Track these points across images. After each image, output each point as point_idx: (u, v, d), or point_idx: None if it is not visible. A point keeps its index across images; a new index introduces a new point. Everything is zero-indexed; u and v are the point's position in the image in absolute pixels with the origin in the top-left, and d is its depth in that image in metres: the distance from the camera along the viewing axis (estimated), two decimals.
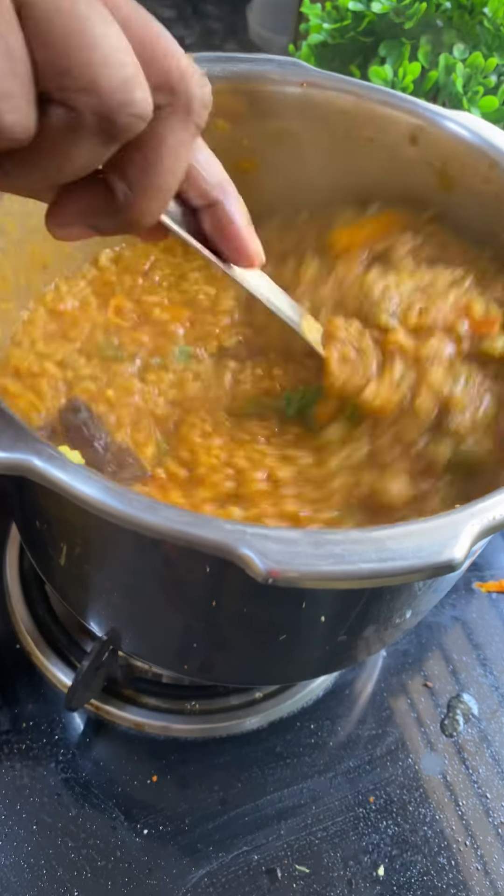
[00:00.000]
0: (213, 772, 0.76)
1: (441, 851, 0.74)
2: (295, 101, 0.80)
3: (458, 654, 0.88)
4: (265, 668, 0.68)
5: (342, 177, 0.85)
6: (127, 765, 0.76)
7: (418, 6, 1.01)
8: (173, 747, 0.77)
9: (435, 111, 0.77)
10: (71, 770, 0.75)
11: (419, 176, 0.79)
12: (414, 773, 0.78)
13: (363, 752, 0.79)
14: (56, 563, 0.63)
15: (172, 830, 0.72)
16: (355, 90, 0.79)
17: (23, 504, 0.63)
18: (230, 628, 0.61)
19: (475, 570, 0.96)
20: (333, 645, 0.63)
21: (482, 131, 0.75)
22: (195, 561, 0.52)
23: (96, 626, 0.70)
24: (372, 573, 0.44)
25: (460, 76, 0.99)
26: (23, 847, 0.70)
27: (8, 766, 0.74)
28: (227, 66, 0.79)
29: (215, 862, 0.71)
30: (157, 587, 0.58)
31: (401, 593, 0.59)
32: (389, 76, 1.01)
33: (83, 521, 0.55)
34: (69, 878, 0.68)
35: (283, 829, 0.73)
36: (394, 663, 0.86)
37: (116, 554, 0.57)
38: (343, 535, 0.45)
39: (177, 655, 0.67)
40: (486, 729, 0.83)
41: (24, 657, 0.81)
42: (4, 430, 0.49)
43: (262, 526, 0.45)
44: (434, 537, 0.45)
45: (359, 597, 0.56)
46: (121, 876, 0.69)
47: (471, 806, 0.77)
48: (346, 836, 0.74)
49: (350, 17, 1.05)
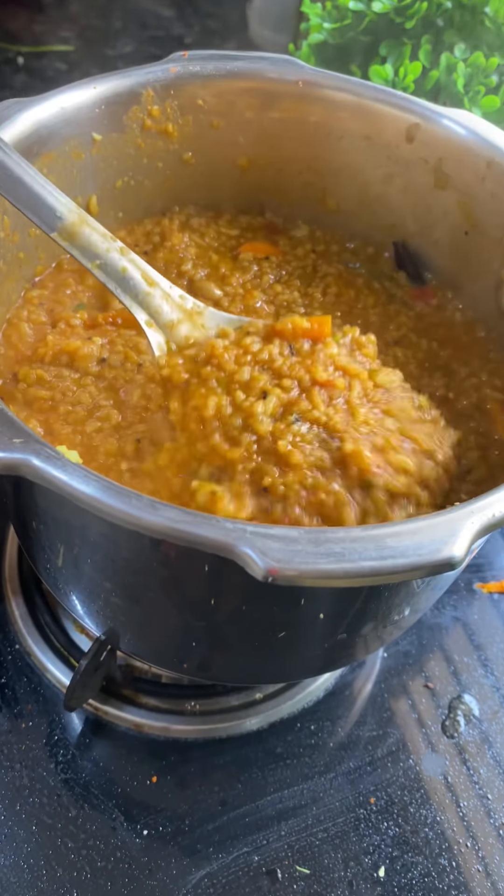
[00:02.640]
0: (213, 772, 0.76)
1: (442, 853, 0.73)
2: (291, 99, 0.80)
3: (460, 654, 0.88)
4: (264, 667, 0.68)
5: (340, 176, 0.86)
6: (127, 765, 0.75)
7: (419, 6, 1.00)
8: (173, 748, 0.77)
9: (432, 109, 0.77)
10: (70, 771, 0.74)
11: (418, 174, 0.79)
12: (415, 774, 0.78)
13: (364, 753, 0.79)
14: (54, 564, 0.63)
15: (172, 831, 0.72)
16: (351, 88, 0.79)
17: (20, 505, 0.62)
18: (229, 626, 0.61)
19: (476, 570, 0.96)
20: (332, 643, 0.63)
21: (480, 129, 0.75)
22: (194, 560, 0.51)
23: (94, 626, 0.70)
24: (372, 571, 0.43)
25: (461, 76, 0.99)
26: (22, 848, 0.70)
27: (7, 766, 0.74)
28: (221, 65, 0.79)
29: (215, 863, 0.70)
30: (155, 586, 0.57)
31: (399, 591, 0.59)
32: (390, 76, 1.01)
33: (81, 521, 0.55)
34: (69, 879, 0.68)
35: (284, 829, 0.73)
36: (394, 664, 0.86)
37: (115, 554, 0.57)
38: (343, 534, 0.45)
39: (176, 654, 0.67)
40: (488, 730, 0.82)
41: (22, 657, 0.81)
42: (3, 430, 0.48)
43: (263, 525, 0.45)
44: (433, 535, 0.45)
45: (357, 594, 0.56)
46: (121, 876, 0.69)
47: (472, 807, 0.77)
48: (346, 837, 0.73)
49: (350, 16, 1.05)
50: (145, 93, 0.78)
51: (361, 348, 0.68)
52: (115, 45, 1.70)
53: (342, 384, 0.63)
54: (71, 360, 0.71)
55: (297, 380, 0.63)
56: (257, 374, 0.62)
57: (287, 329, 0.65)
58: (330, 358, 0.64)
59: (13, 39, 1.66)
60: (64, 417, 0.67)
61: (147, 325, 0.66)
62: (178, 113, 0.80)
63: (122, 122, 0.78)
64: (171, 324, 0.67)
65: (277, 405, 0.61)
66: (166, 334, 0.66)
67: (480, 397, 0.75)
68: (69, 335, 0.73)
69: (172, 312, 0.67)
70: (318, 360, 0.63)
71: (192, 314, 0.68)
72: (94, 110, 0.76)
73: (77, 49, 1.67)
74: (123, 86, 0.77)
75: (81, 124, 0.75)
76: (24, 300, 0.78)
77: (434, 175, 0.78)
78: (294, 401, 0.62)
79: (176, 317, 0.67)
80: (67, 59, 1.65)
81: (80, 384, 0.69)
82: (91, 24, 1.76)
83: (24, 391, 0.68)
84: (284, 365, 0.63)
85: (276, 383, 0.62)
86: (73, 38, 1.70)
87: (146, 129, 0.80)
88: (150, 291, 0.66)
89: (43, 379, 0.69)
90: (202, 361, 0.64)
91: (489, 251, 0.77)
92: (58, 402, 0.68)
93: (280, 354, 0.64)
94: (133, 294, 0.66)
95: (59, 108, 0.73)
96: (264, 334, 0.66)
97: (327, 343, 0.65)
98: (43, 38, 1.69)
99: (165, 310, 0.66)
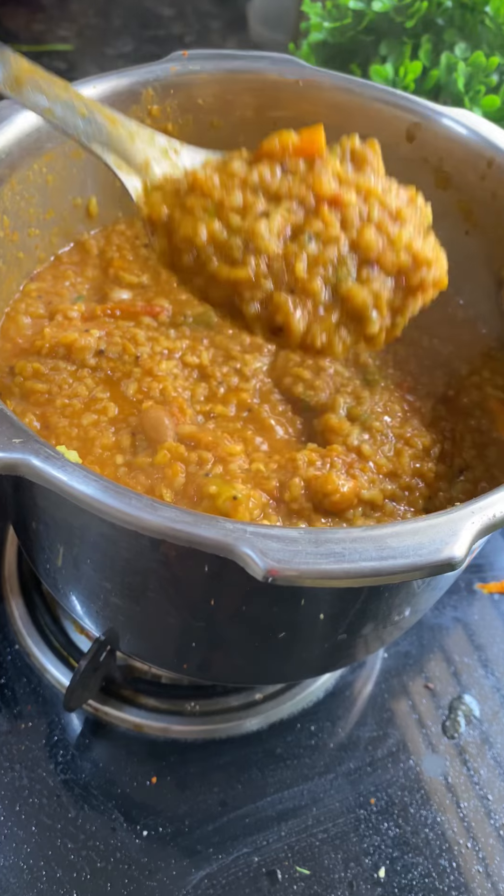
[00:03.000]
0: (213, 773, 0.76)
1: (442, 853, 0.73)
2: (291, 98, 0.80)
3: (460, 655, 0.88)
4: (264, 667, 0.68)
5: None
6: (126, 766, 0.75)
7: (419, 5, 1.00)
8: (173, 748, 0.77)
9: (432, 108, 0.77)
10: (70, 771, 0.74)
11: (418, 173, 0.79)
12: (415, 775, 0.78)
13: (364, 754, 0.79)
14: (53, 564, 0.63)
15: (172, 832, 0.72)
16: (351, 87, 0.79)
17: (19, 506, 0.62)
18: (229, 627, 0.61)
19: (477, 570, 0.96)
20: (332, 643, 0.63)
21: (480, 128, 0.75)
22: (194, 560, 0.51)
23: (93, 627, 0.69)
24: (372, 571, 0.43)
25: (462, 75, 0.99)
26: (22, 848, 0.69)
27: (7, 767, 0.74)
28: (221, 64, 0.79)
29: (215, 863, 0.70)
30: (155, 587, 0.57)
31: (399, 591, 0.59)
32: (390, 75, 1.01)
33: (81, 521, 0.55)
34: (69, 880, 0.68)
35: (284, 830, 0.73)
36: (394, 665, 0.86)
37: (115, 554, 0.57)
38: (343, 534, 0.45)
39: (175, 655, 0.67)
40: (488, 731, 0.82)
41: (22, 658, 0.81)
42: (2, 430, 0.48)
43: (263, 525, 0.45)
44: (434, 535, 0.45)
45: (358, 595, 0.55)
46: (120, 877, 0.69)
47: (472, 808, 0.77)
48: (346, 838, 0.73)
49: (351, 15, 1.05)
50: (145, 92, 0.78)
51: (363, 162, 0.59)
52: (114, 45, 1.70)
53: (353, 200, 0.55)
54: (68, 353, 0.71)
55: (300, 199, 0.55)
56: (251, 199, 0.55)
57: (275, 147, 0.57)
58: (334, 173, 0.56)
59: (12, 39, 1.66)
60: (60, 411, 0.67)
61: (118, 168, 0.59)
62: (177, 112, 0.80)
63: None
64: (145, 164, 0.60)
65: (283, 223, 0.54)
66: (142, 176, 0.60)
67: (482, 395, 0.75)
68: (67, 327, 0.73)
69: (145, 151, 0.60)
70: (321, 175, 0.55)
71: (167, 151, 0.61)
72: None
73: (76, 48, 1.67)
74: (123, 85, 0.77)
75: None
76: (23, 293, 0.78)
77: (434, 174, 0.78)
78: (305, 221, 0.54)
79: (150, 154, 0.60)
80: (67, 58, 1.65)
81: (76, 376, 0.69)
82: (90, 24, 1.76)
83: (21, 384, 0.68)
84: (283, 187, 0.55)
85: (276, 206, 0.55)
86: (72, 37, 1.70)
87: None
88: (117, 132, 0.60)
89: (39, 372, 0.69)
90: (185, 192, 0.57)
91: (489, 251, 0.77)
92: (54, 395, 0.68)
93: (272, 176, 0.56)
94: (98, 138, 0.59)
95: None
96: (250, 158, 0.58)
97: (325, 160, 0.57)
98: (42, 37, 1.69)
99: (137, 149, 0.60)
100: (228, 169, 0.57)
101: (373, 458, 0.67)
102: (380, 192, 0.57)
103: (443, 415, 0.74)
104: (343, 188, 0.55)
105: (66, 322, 0.74)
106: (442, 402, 0.74)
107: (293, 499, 0.62)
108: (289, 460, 0.64)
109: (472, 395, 0.75)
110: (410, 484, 0.67)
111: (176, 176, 0.59)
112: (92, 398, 0.67)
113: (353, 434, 0.68)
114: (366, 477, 0.65)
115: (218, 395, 0.71)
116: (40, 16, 1.75)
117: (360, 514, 0.64)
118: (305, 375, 0.73)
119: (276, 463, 0.65)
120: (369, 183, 0.57)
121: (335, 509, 0.63)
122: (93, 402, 0.67)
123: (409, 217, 0.58)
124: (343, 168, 0.57)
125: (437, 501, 0.67)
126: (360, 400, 0.72)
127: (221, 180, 0.56)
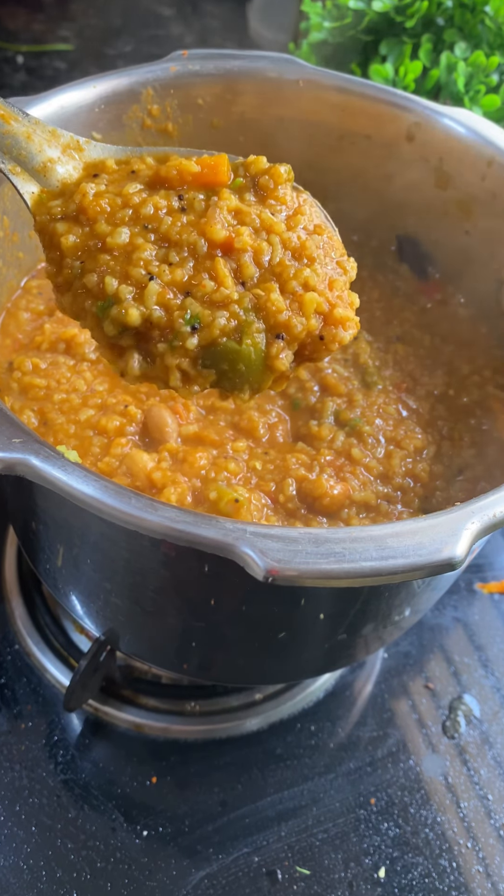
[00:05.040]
0: (213, 773, 0.76)
1: (442, 853, 0.73)
2: (291, 98, 0.80)
3: (460, 655, 0.88)
4: (264, 667, 0.67)
5: (341, 175, 0.85)
6: (126, 766, 0.75)
7: (419, 5, 1.00)
8: (173, 748, 0.77)
9: (432, 108, 0.77)
10: (70, 771, 0.74)
11: (418, 173, 0.79)
12: (415, 775, 0.78)
13: (364, 754, 0.79)
14: (53, 565, 0.63)
15: (172, 832, 0.72)
16: (351, 87, 0.79)
17: (20, 506, 0.62)
18: (229, 627, 0.61)
19: (477, 570, 0.96)
20: (333, 643, 0.63)
21: (480, 128, 0.75)
22: (194, 560, 0.51)
23: (93, 627, 0.69)
24: (372, 571, 0.43)
25: (462, 75, 0.99)
26: (22, 848, 0.69)
27: (7, 767, 0.74)
28: (221, 64, 0.79)
29: (215, 864, 0.70)
30: (155, 587, 0.57)
31: (399, 591, 0.59)
32: (390, 75, 1.01)
33: (81, 521, 0.55)
34: (69, 880, 0.68)
35: (284, 830, 0.73)
36: (395, 665, 0.86)
37: (115, 554, 0.57)
38: (344, 534, 0.45)
39: (175, 655, 0.67)
40: (488, 731, 0.82)
41: (22, 658, 0.81)
42: (2, 429, 0.48)
43: (263, 525, 0.45)
44: (434, 535, 0.45)
45: (358, 595, 0.55)
46: (120, 877, 0.68)
47: (472, 808, 0.77)
48: (346, 838, 0.73)
49: (351, 15, 1.05)
50: (145, 92, 0.78)
51: (269, 191, 0.54)
52: (114, 45, 1.70)
53: (247, 245, 0.50)
54: (68, 347, 0.72)
55: (189, 246, 0.50)
56: (139, 241, 0.50)
57: (172, 175, 0.52)
58: (230, 208, 0.51)
59: (13, 38, 1.66)
60: (59, 406, 0.67)
61: (11, 173, 0.53)
62: (177, 112, 0.80)
63: (122, 122, 0.78)
64: (43, 166, 0.54)
65: (163, 294, 0.49)
66: (39, 181, 0.54)
67: (483, 395, 0.75)
68: (66, 323, 0.74)
69: (45, 152, 0.54)
70: (212, 217, 0.50)
71: (69, 148, 0.55)
72: (94, 109, 0.76)
73: (76, 48, 1.67)
74: (123, 85, 0.77)
75: (81, 123, 0.75)
76: (23, 290, 0.78)
77: (435, 174, 0.78)
78: (189, 280, 0.49)
79: (51, 155, 0.54)
80: (67, 58, 1.64)
81: (75, 371, 0.70)
82: (90, 24, 1.76)
83: (20, 380, 0.69)
84: (172, 230, 0.50)
85: (164, 248, 0.50)
86: (72, 37, 1.70)
87: (146, 128, 0.80)
88: (11, 129, 0.53)
89: (38, 367, 0.69)
90: (71, 216, 0.52)
91: (489, 251, 0.77)
92: (52, 391, 0.68)
93: (168, 209, 0.51)
94: None
95: (59, 108, 0.73)
96: (148, 181, 0.53)
97: (221, 193, 0.52)
98: (43, 37, 1.69)
99: (33, 149, 0.53)
100: (123, 192, 0.52)
101: (361, 461, 0.67)
102: (282, 229, 0.52)
103: (442, 414, 0.74)
104: (238, 228, 0.51)
105: (66, 317, 0.74)
106: (441, 402, 0.74)
107: (287, 499, 0.63)
108: (282, 461, 0.65)
109: (473, 394, 0.75)
110: (403, 485, 0.67)
111: (78, 179, 0.54)
112: (90, 391, 0.68)
113: (337, 439, 0.69)
114: (357, 481, 0.66)
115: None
116: (40, 16, 1.75)
117: (353, 514, 0.64)
118: (302, 375, 0.73)
119: (272, 464, 0.66)
120: (271, 219, 0.52)
121: (327, 511, 0.64)
122: (90, 397, 0.68)
123: (315, 252, 0.53)
124: (244, 199, 0.53)
125: (436, 501, 0.67)
126: (353, 403, 0.72)
127: (112, 203, 0.51)
